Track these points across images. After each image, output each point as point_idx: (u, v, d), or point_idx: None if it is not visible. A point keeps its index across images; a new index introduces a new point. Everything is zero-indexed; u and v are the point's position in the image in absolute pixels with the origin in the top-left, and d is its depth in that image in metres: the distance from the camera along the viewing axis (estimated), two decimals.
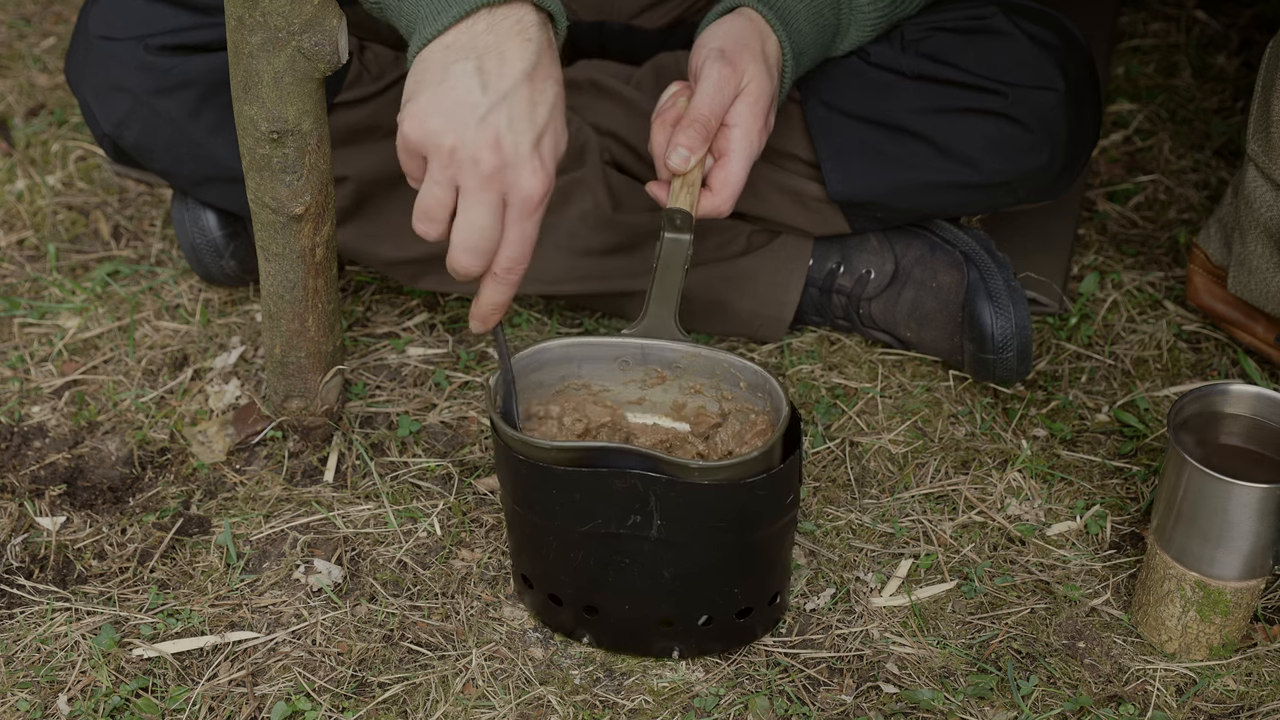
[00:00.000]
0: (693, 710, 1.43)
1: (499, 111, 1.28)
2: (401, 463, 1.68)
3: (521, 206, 1.30)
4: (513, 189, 1.29)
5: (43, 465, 1.66)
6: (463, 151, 1.28)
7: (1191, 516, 1.41)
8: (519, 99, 1.29)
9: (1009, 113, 1.64)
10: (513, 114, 1.28)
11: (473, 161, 1.28)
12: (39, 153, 2.14)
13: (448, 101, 1.28)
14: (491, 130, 1.28)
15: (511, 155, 1.28)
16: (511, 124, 1.28)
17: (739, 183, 1.45)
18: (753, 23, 1.48)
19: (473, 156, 1.28)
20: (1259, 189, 1.65)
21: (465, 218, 1.31)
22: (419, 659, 1.48)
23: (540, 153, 1.30)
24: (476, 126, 1.28)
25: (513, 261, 1.33)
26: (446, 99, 1.28)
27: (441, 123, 1.28)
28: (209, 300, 1.88)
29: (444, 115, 1.28)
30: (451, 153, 1.29)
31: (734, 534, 1.38)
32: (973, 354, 1.71)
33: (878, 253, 1.77)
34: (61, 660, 1.47)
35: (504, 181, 1.29)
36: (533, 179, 1.29)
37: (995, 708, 1.43)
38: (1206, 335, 1.85)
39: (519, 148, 1.28)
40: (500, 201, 1.30)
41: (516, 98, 1.28)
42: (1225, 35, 2.42)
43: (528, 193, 1.30)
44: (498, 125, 1.28)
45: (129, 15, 1.63)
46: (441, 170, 1.30)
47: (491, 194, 1.29)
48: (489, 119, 1.28)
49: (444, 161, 1.29)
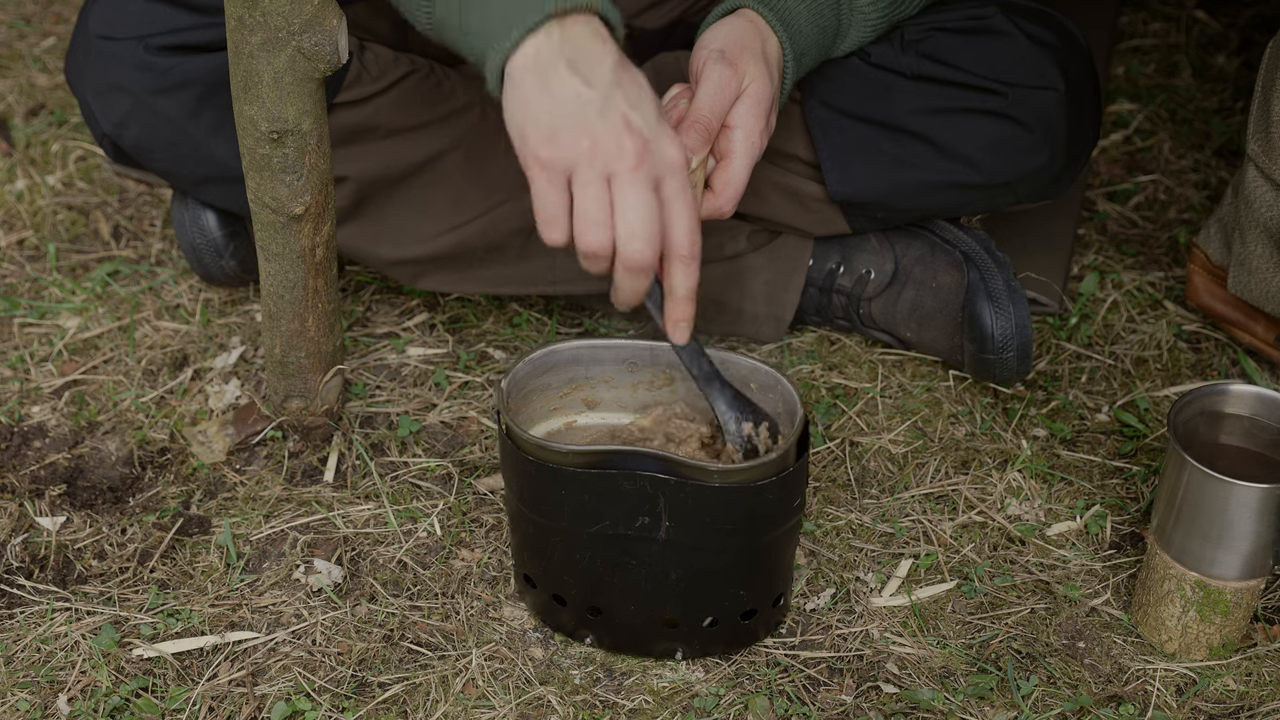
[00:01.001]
0: (693, 710, 1.43)
1: (614, 97, 1.27)
2: (401, 463, 1.68)
3: (673, 178, 1.29)
4: (661, 163, 1.28)
5: (43, 465, 1.66)
6: (603, 144, 1.26)
7: (1191, 516, 1.41)
8: (625, 82, 1.28)
9: (1009, 113, 1.64)
10: (628, 95, 1.28)
11: (617, 149, 1.26)
12: (39, 153, 2.14)
13: (563, 107, 1.27)
14: (618, 115, 1.26)
15: (647, 132, 1.27)
16: (632, 104, 1.27)
17: (741, 183, 1.45)
18: (753, 24, 1.48)
19: (615, 144, 1.26)
20: (1259, 189, 1.65)
21: (628, 204, 1.28)
22: (419, 659, 1.48)
23: (665, 123, 1.29)
24: (602, 118, 1.26)
25: (688, 234, 1.31)
26: (560, 108, 1.27)
27: (569, 130, 1.27)
28: (209, 300, 1.88)
29: (567, 123, 1.27)
30: (592, 151, 1.27)
31: (742, 536, 1.38)
32: (973, 354, 1.71)
33: (878, 253, 1.77)
34: (61, 660, 1.47)
35: (651, 158, 1.27)
36: (673, 147, 1.29)
37: (995, 708, 1.43)
38: (1206, 335, 1.85)
39: (649, 122, 1.28)
40: (654, 181, 1.28)
41: (623, 82, 1.28)
42: (1225, 35, 2.42)
43: (675, 161, 1.28)
44: (621, 109, 1.27)
45: (129, 15, 1.63)
46: (588, 170, 1.27)
47: (645, 173, 1.27)
48: (610, 107, 1.27)
49: (588, 162, 1.27)
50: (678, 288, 1.34)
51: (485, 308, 1.88)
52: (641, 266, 1.30)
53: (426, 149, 1.70)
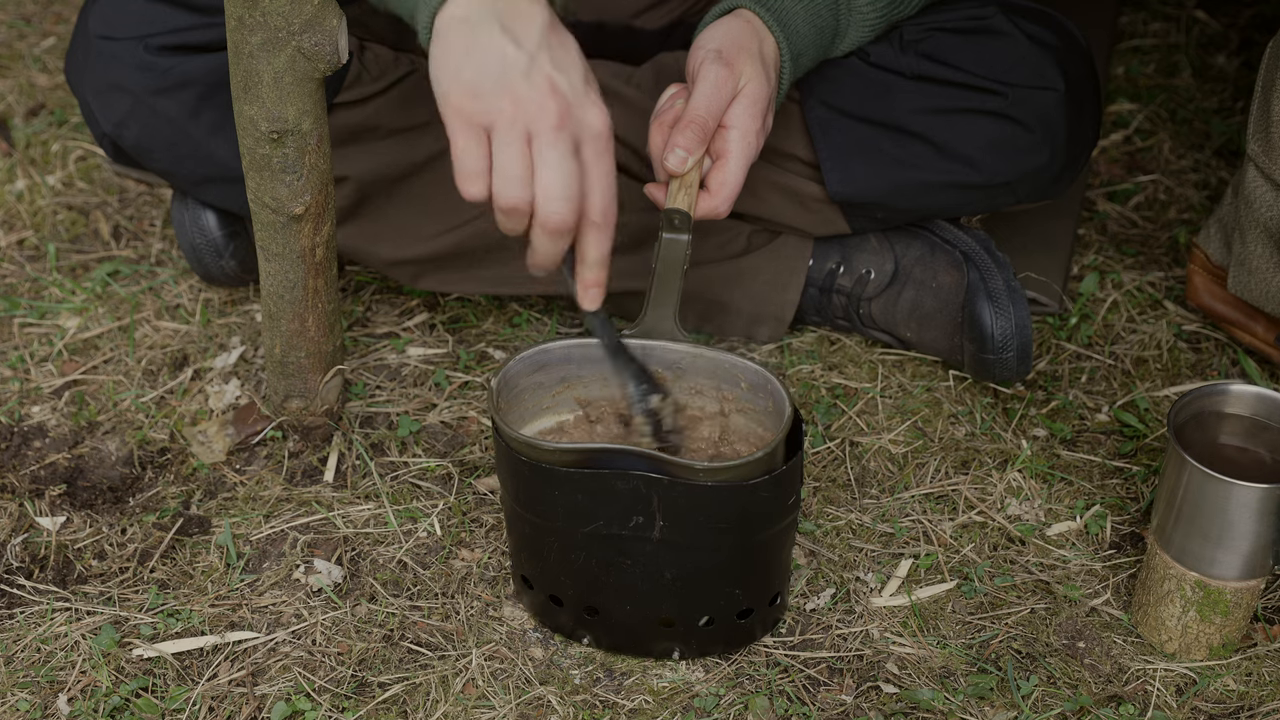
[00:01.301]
0: (693, 710, 1.43)
1: (541, 59, 1.27)
2: (401, 463, 1.68)
3: (595, 143, 1.29)
4: (583, 127, 1.28)
5: (43, 465, 1.66)
6: (526, 104, 1.26)
7: (1191, 516, 1.41)
8: (554, 44, 1.28)
9: (1009, 113, 1.64)
10: (555, 58, 1.28)
11: (539, 110, 1.26)
12: (39, 153, 2.14)
13: (488, 65, 1.27)
14: (543, 77, 1.27)
15: (571, 95, 1.27)
16: (558, 67, 1.28)
17: (737, 184, 1.45)
18: (750, 24, 1.48)
19: (538, 105, 1.26)
20: (1259, 189, 1.65)
21: (548, 165, 1.28)
22: (419, 659, 1.48)
23: (591, 88, 1.29)
24: (527, 78, 1.26)
25: (605, 202, 1.31)
26: (486, 63, 1.27)
27: (493, 85, 1.26)
28: (209, 300, 1.88)
29: (492, 78, 1.26)
30: (515, 108, 1.27)
31: (736, 535, 1.38)
32: (973, 354, 1.71)
33: (878, 253, 1.77)
34: (61, 660, 1.47)
35: (574, 122, 1.27)
36: (596, 113, 1.29)
37: (995, 708, 1.43)
38: (1206, 335, 1.85)
39: (574, 86, 1.28)
40: (575, 144, 1.28)
41: (551, 44, 1.28)
42: (1225, 35, 2.42)
43: (598, 127, 1.29)
44: (547, 71, 1.27)
45: (129, 15, 1.63)
46: (509, 130, 1.28)
47: (566, 135, 1.27)
48: (535, 67, 1.27)
49: (509, 121, 1.27)
50: (589, 253, 1.33)
51: (485, 308, 1.88)
52: (560, 228, 1.29)
53: (426, 149, 1.70)
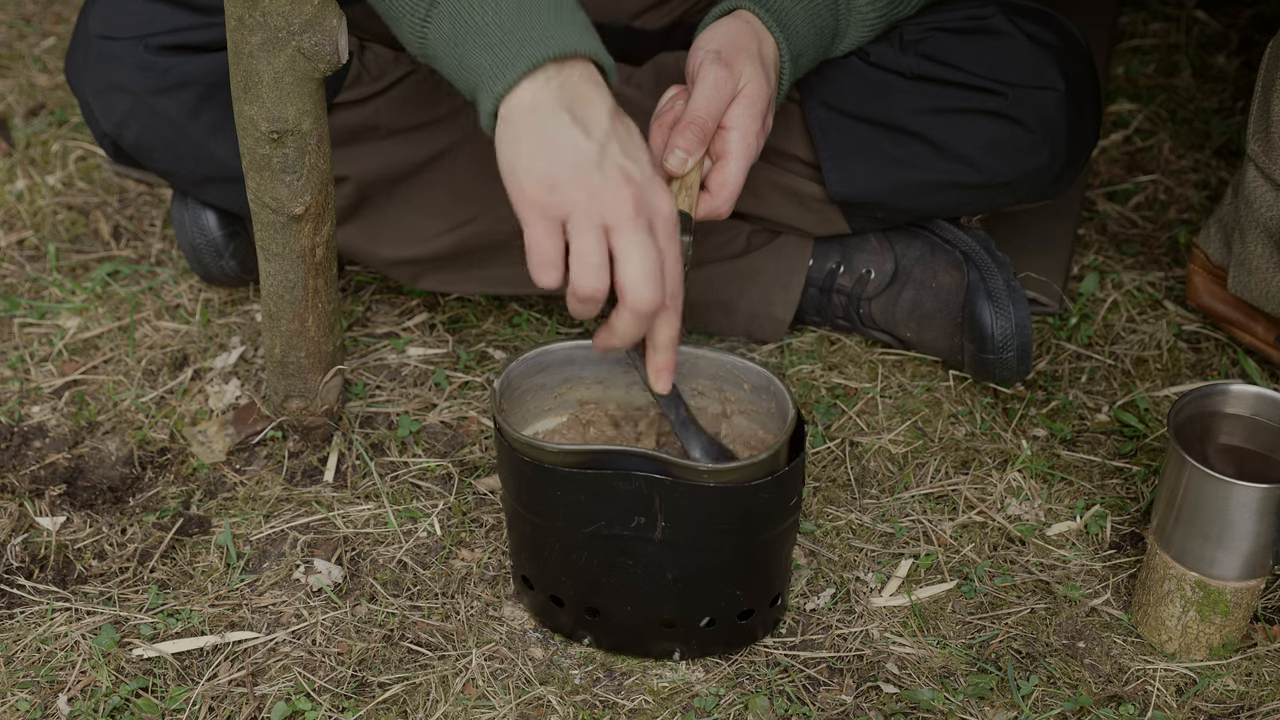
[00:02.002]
0: (693, 710, 1.43)
1: (611, 148, 1.28)
2: (401, 463, 1.68)
3: (665, 227, 1.30)
4: (654, 213, 1.29)
5: (43, 465, 1.66)
6: (602, 195, 1.27)
7: (1191, 516, 1.41)
8: (621, 132, 1.29)
9: (1009, 113, 1.64)
10: (624, 145, 1.29)
11: (615, 200, 1.27)
12: (39, 153, 2.14)
13: (561, 155, 1.27)
14: (615, 166, 1.27)
15: (643, 182, 1.28)
16: (628, 155, 1.29)
17: (737, 184, 1.46)
18: (749, 25, 1.48)
19: (613, 196, 1.27)
20: (1259, 189, 1.65)
21: (632, 253, 1.28)
22: (419, 659, 1.48)
23: (658, 173, 1.31)
24: (600, 168, 1.27)
25: (676, 284, 1.32)
26: (558, 157, 1.27)
27: (567, 178, 1.27)
28: (209, 300, 1.88)
29: (567, 170, 1.27)
30: (590, 199, 1.27)
31: (738, 536, 1.38)
32: (973, 354, 1.71)
33: (878, 253, 1.77)
34: (61, 660, 1.47)
35: (648, 208, 1.28)
36: (665, 198, 1.30)
37: (995, 708, 1.43)
38: (1206, 335, 1.85)
39: (644, 173, 1.29)
40: (650, 228, 1.29)
41: (619, 131, 1.29)
42: (1225, 35, 2.42)
43: (667, 212, 1.30)
44: (618, 160, 1.28)
45: (129, 15, 1.63)
46: (586, 219, 1.28)
47: (644, 222, 1.28)
48: (607, 157, 1.27)
49: (584, 211, 1.28)
50: (660, 335, 1.34)
51: (485, 308, 1.88)
52: (650, 310, 1.30)
53: (427, 149, 1.70)
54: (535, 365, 1.46)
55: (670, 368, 1.37)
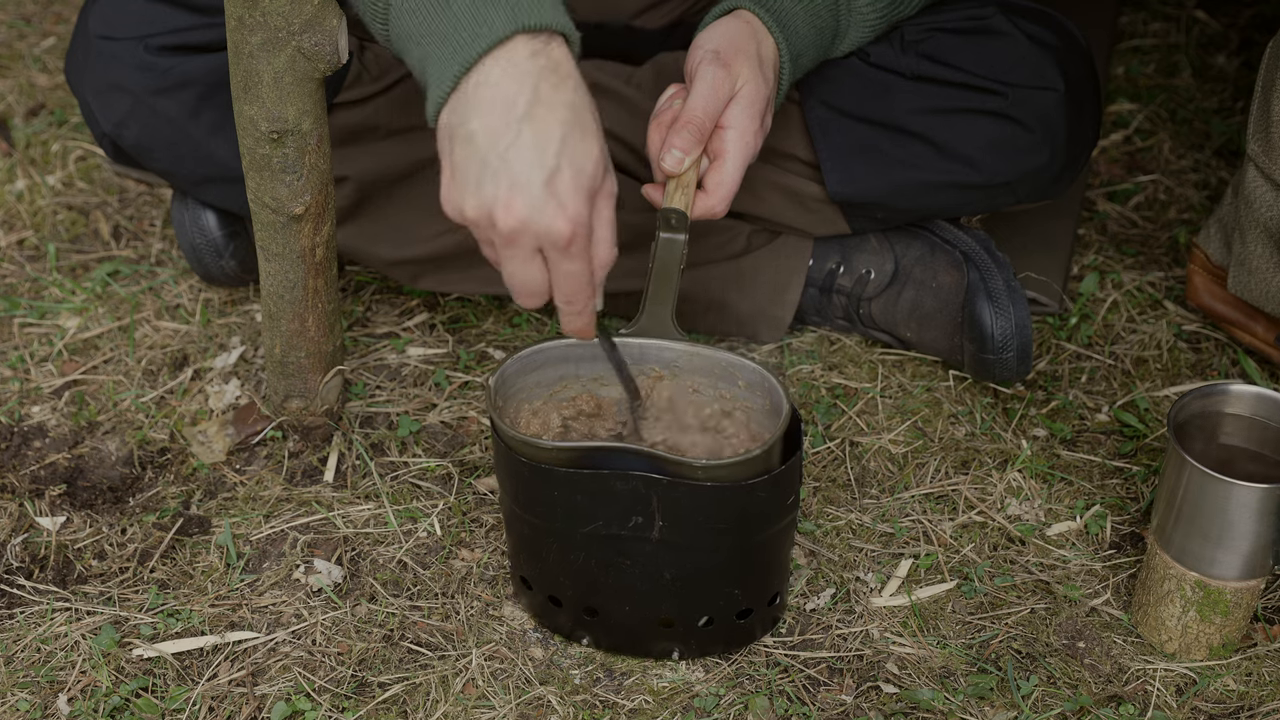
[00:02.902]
0: (693, 710, 1.43)
1: (500, 168, 1.26)
2: (401, 463, 1.68)
3: (554, 249, 1.28)
4: (541, 235, 1.27)
5: (43, 465, 1.66)
6: (480, 216, 1.27)
7: (1191, 516, 1.41)
8: (522, 145, 1.26)
9: (1009, 113, 1.64)
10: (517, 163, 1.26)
11: (490, 224, 1.28)
12: (39, 153, 2.14)
13: (460, 174, 1.28)
14: (501, 186, 1.26)
15: (526, 206, 1.26)
16: (516, 174, 1.26)
17: (734, 184, 1.45)
18: (749, 24, 1.48)
19: (489, 219, 1.27)
20: (1259, 189, 1.65)
21: (506, 270, 1.31)
22: (419, 659, 1.48)
23: (556, 191, 1.26)
24: (479, 191, 1.27)
25: (569, 298, 1.32)
26: (458, 172, 1.28)
27: (459, 195, 1.28)
28: (209, 300, 1.88)
29: (459, 188, 1.28)
30: (474, 220, 1.28)
31: (735, 535, 1.38)
32: (973, 354, 1.71)
33: (878, 253, 1.77)
34: (61, 660, 1.47)
35: (529, 232, 1.27)
36: (555, 220, 1.26)
37: (995, 708, 1.43)
38: (1206, 335, 1.85)
39: (532, 194, 1.26)
40: (532, 250, 1.29)
41: (518, 146, 1.26)
42: (1225, 35, 2.42)
43: (554, 236, 1.27)
44: (505, 179, 1.26)
45: (129, 15, 1.63)
46: (477, 234, 1.31)
47: (519, 248, 1.28)
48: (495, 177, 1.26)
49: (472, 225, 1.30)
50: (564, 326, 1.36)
51: (485, 308, 1.88)
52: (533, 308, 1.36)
53: (427, 149, 1.69)
54: (531, 363, 1.46)
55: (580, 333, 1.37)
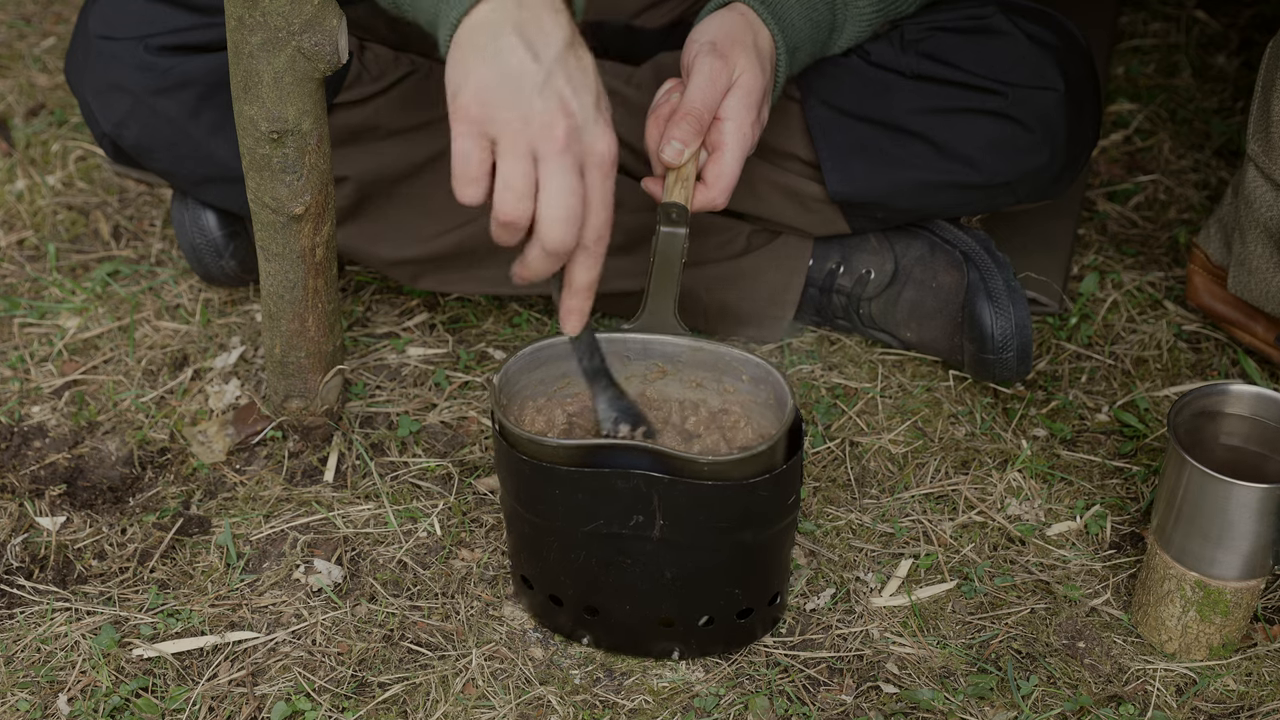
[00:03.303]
0: (693, 710, 1.43)
1: (557, 76, 1.25)
2: (401, 463, 1.68)
3: (599, 167, 1.27)
4: (589, 151, 1.26)
5: (43, 465, 1.66)
6: (535, 120, 1.25)
7: (1191, 516, 1.41)
8: (571, 63, 1.27)
9: (1009, 113, 1.64)
10: (571, 77, 1.26)
11: (546, 128, 1.25)
12: (39, 153, 2.14)
13: (503, 74, 1.25)
14: (556, 95, 1.25)
15: (581, 117, 1.26)
16: (573, 87, 1.26)
17: (733, 176, 1.45)
18: (744, 17, 1.48)
19: (546, 123, 1.25)
20: (1259, 189, 1.65)
21: (553, 186, 1.26)
22: (419, 659, 1.48)
23: (603, 112, 1.28)
24: (541, 93, 1.25)
25: (602, 228, 1.30)
26: (501, 72, 1.25)
27: (506, 96, 1.25)
28: (209, 300, 1.88)
29: (505, 88, 1.25)
30: (524, 123, 1.25)
31: (736, 535, 1.38)
32: (973, 354, 1.71)
33: (877, 253, 1.77)
34: (61, 660, 1.47)
35: (580, 144, 1.26)
36: (604, 138, 1.27)
37: (995, 708, 1.43)
38: (1206, 335, 1.85)
39: (585, 109, 1.26)
40: (579, 166, 1.27)
41: (568, 62, 1.26)
42: (1225, 35, 2.42)
43: (603, 151, 1.27)
44: (560, 90, 1.25)
45: (129, 15, 1.63)
46: (515, 143, 1.26)
47: (572, 158, 1.26)
48: (550, 84, 1.25)
49: (515, 134, 1.26)
50: (577, 277, 1.32)
51: (485, 308, 1.88)
52: (559, 250, 1.28)
53: (426, 149, 1.70)
54: (534, 361, 1.46)
55: (581, 312, 1.34)
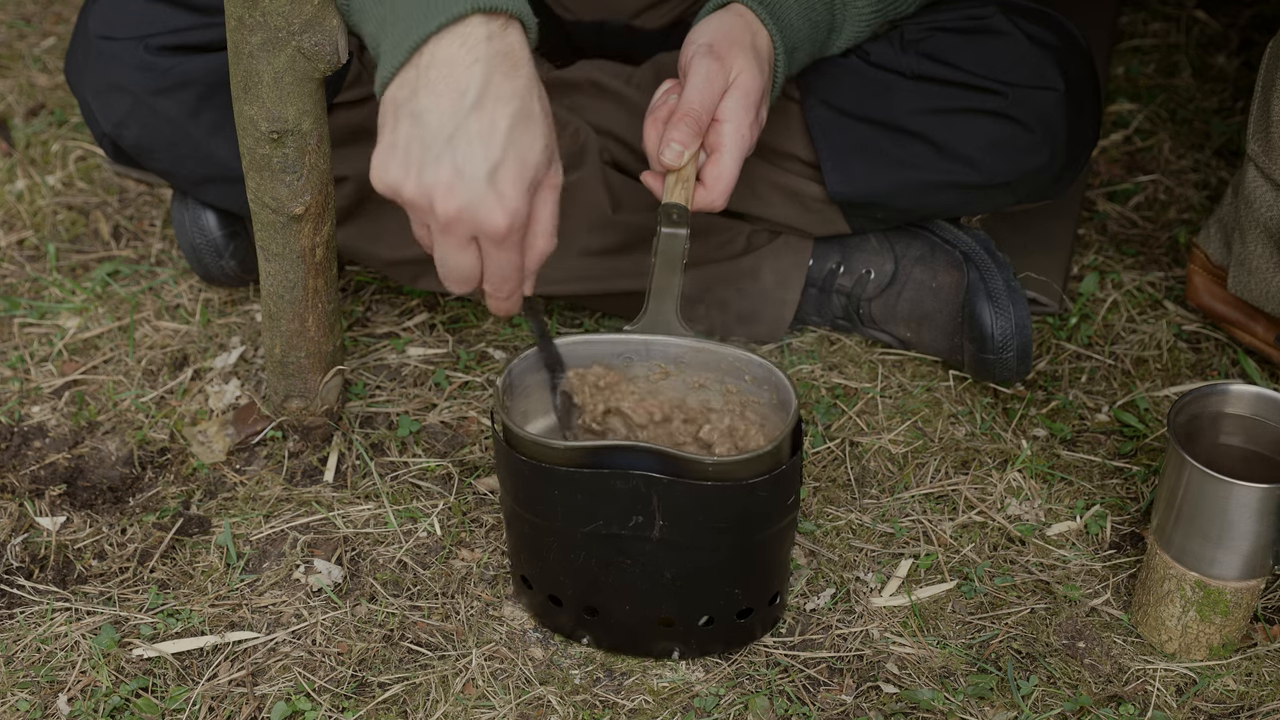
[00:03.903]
0: (693, 710, 1.43)
1: (445, 154, 1.26)
2: (401, 463, 1.68)
3: (490, 240, 1.29)
4: (477, 226, 1.28)
5: (43, 465, 1.66)
6: (420, 200, 1.27)
7: (1191, 516, 1.41)
8: (469, 134, 1.26)
9: (1009, 113, 1.64)
10: (462, 152, 1.26)
11: (428, 208, 1.27)
12: (39, 153, 2.14)
13: (399, 149, 1.27)
14: (444, 172, 1.26)
15: (466, 196, 1.26)
16: (460, 163, 1.26)
17: (732, 177, 1.45)
18: (742, 18, 1.48)
19: (428, 204, 1.27)
20: (1259, 189, 1.65)
21: (438, 254, 1.31)
22: (419, 659, 1.48)
23: (498, 183, 1.26)
24: (420, 175, 1.26)
25: (497, 285, 1.33)
26: (398, 149, 1.28)
27: (399, 173, 1.28)
28: (209, 300, 1.88)
29: (400, 166, 1.27)
30: (411, 202, 1.28)
31: (736, 534, 1.38)
32: (973, 354, 1.71)
33: (878, 253, 1.77)
34: (61, 660, 1.47)
35: (466, 222, 1.27)
36: (493, 213, 1.27)
37: (995, 708, 1.43)
38: (1206, 335, 1.85)
39: (474, 185, 1.26)
40: (467, 238, 1.29)
41: (464, 133, 1.25)
42: (1225, 35, 2.42)
43: (490, 228, 1.27)
44: (448, 166, 1.26)
45: (129, 15, 1.63)
46: (412, 215, 1.31)
47: (454, 236, 1.29)
48: (439, 162, 1.26)
49: (409, 207, 1.30)
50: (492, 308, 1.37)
51: (485, 308, 1.88)
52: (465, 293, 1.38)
53: None
54: (536, 363, 1.46)
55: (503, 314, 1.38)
